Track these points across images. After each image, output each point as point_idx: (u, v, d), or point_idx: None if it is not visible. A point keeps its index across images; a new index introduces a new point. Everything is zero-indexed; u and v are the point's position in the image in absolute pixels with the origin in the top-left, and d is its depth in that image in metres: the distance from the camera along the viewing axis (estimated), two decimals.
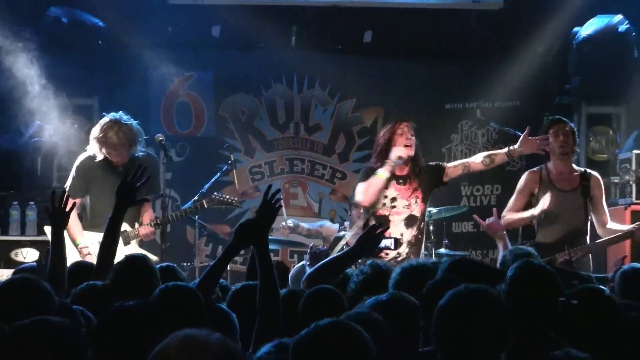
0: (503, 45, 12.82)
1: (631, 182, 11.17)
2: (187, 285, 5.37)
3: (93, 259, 8.85)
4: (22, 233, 10.97)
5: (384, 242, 7.90)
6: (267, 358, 4.24)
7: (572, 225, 9.37)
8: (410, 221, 9.36)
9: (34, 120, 11.55)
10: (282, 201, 6.54)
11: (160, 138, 10.22)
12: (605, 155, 12.34)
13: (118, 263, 6.40)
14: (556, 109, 12.30)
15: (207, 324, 4.77)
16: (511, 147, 9.57)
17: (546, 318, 5.03)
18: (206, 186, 10.41)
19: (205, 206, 9.98)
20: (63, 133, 11.53)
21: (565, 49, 12.48)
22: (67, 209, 6.82)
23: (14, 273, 7.18)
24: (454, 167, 9.61)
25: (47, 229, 9.40)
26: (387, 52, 12.98)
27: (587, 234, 9.39)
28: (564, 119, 9.97)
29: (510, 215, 9.68)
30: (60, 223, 6.76)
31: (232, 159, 10.80)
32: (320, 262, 6.85)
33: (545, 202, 9.26)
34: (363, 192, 9.37)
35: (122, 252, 8.94)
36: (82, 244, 9.65)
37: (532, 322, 4.96)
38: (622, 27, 12.03)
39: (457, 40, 12.99)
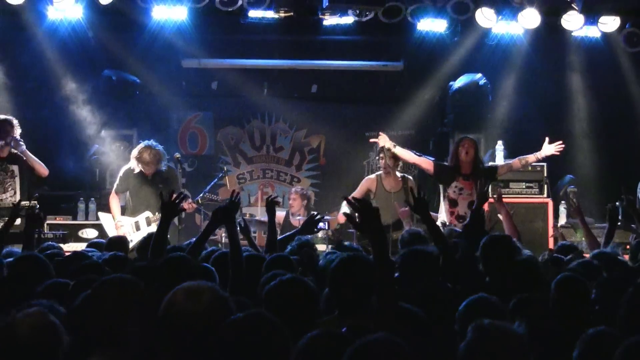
0: (403, 93, 13.20)
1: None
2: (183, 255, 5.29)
3: (125, 230, 9.89)
4: (86, 218, 11.28)
5: (320, 225, 8.60)
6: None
7: (396, 214, 9.65)
8: (471, 204, 9.17)
9: (94, 144, 12.17)
10: (240, 198, 6.68)
11: (178, 156, 10.60)
12: None
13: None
14: (438, 135, 12.94)
15: (196, 277, 4.46)
16: (537, 153, 9.97)
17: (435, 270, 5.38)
18: (207, 188, 10.66)
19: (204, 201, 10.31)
20: (113, 153, 12.27)
21: (444, 95, 12.81)
22: (182, 207, 6.43)
23: (88, 246, 7.98)
24: (502, 168, 10.08)
25: (100, 214, 10.56)
26: (327, 99, 13.45)
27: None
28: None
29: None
30: (170, 214, 6.13)
31: (225, 169, 11.25)
32: (280, 237, 7.42)
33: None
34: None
35: (147, 230, 10.01)
36: (117, 219, 10.08)
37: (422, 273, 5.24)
38: (481, 82, 12.32)
39: (373, 90, 13.43)
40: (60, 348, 3.22)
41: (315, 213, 8.38)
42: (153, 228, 9.88)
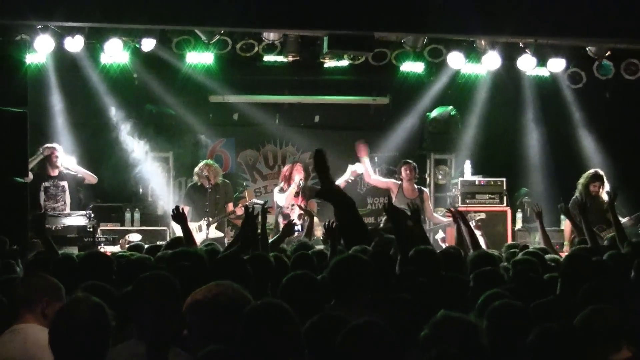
0: (389, 122, 13.16)
1: (458, 195, 11.71)
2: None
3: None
4: (131, 225, 11.48)
5: (297, 228, 9.16)
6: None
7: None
8: (299, 216, 10.04)
9: (138, 164, 12.13)
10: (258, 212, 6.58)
11: (206, 174, 10.93)
12: (444, 181, 12.85)
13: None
14: (417, 156, 12.71)
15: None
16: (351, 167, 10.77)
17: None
18: None
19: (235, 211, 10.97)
20: (152, 172, 12.35)
21: (423, 123, 12.93)
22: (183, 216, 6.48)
23: (129, 249, 8.17)
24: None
25: (174, 224, 10.16)
26: (327, 127, 13.38)
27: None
28: (409, 161, 11.05)
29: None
30: (180, 220, 6.50)
31: (244, 185, 11.91)
32: (272, 238, 7.50)
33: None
34: (286, 199, 10.77)
35: (205, 231, 10.57)
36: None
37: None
38: (453, 112, 12.61)
39: (364, 120, 13.50)
40: (110, 325, 3.20)
41: (292, 219, 9.05)
42: (212, 229, 10.76)
